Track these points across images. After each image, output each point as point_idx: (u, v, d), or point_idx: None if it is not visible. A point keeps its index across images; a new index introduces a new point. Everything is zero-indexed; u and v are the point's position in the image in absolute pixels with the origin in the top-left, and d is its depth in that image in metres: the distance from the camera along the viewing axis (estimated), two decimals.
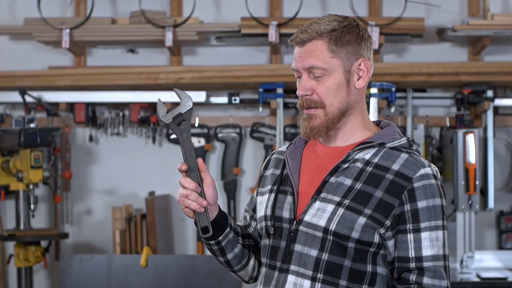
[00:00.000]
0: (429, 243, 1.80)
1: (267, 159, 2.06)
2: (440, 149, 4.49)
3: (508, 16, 4.40)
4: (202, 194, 1.86)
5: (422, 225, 1.80)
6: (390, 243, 1.82)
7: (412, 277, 1.80)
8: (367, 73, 1.88)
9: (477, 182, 4.18)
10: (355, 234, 1.79)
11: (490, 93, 4.37)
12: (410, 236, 1.80)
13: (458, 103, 4.45)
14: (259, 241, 2.00)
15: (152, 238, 4.30)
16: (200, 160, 1.88)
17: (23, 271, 4.26)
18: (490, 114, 4.39)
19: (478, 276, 4.07)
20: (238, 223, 2.07)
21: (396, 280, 1.84)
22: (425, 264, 1.80)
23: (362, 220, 1.79)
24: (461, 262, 4.22)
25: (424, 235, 1.80)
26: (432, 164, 1.86)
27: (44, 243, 4.38)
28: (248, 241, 2.01)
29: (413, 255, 1.80)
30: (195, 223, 1.88)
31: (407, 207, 1.80)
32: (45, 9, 4.48)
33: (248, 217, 2.06)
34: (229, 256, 1.97)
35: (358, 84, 1.87)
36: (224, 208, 4.60)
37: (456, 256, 4.25)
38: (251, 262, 2.01)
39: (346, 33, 1.85)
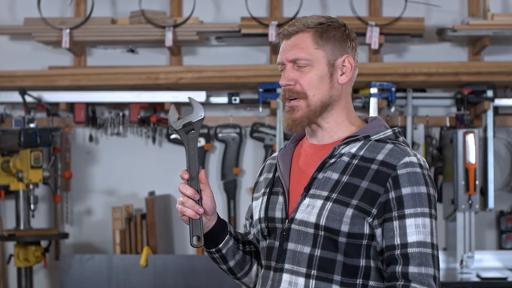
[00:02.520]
0: (415, 230, 1.78)
1: (261, 166, 2.08)
2: (440, 149, 4.50)
3: (508, 16, 4.40)
4: (199, 202, 1.87)
5: (407, 211, 1.79)
6: (378, 232, 1.81)
7: (398, 268, 1.78)
8: (351, 70, 1.91)
9: (477, 182, 4.18)
10: (344, 227, 1.79)
11: (490, 93, 4.37)
12: (396, 223, 1.79)
13: (458, 103, 4.45)
14: (258, 246, 2.02)
15: (152, 238, 4.30)
16: (202, 172, 1.89)
17: (23, 271, 4.26)
18: (490, 114, 4.39)
19: (478, 276, 4.07)
20: (239, 231, 2.09)
21: (385, 272, 1.83)
22: (410, 250, 1.78)
23: (349, 211, 1.80)
24: (461, 262, 4.22)
25: (409, 221, 1.79)
26: (418, 154, 1.87)
27: (44, 243, 4.38)
28: (249, 247, 2.03)
29: (399, 242, 1.79)
30: (191, 242, 1.88)
31: (392, 194, 1.80)
32: (45, 9, 4.48)
33: (247, 225, 2.09)
34: (231, 263, 1.99)
35: (341, 80, 1.90)
36: (224, 208, 4.60)
37: (456, 256, 4.25)
38: (254, 268, 2.03)
39: (332, 28, 1.90)
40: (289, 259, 1.85)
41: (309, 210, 1.83)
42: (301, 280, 1.82)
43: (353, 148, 1.87)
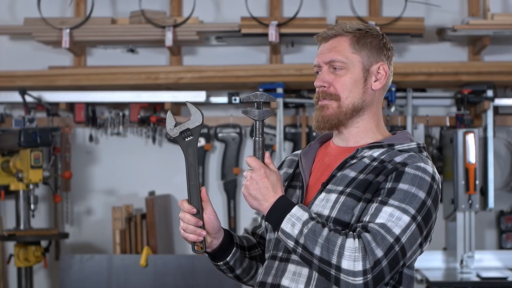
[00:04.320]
0: (387, 217, 1.74)
1: (281, 161, 2.10)
2: (440, 149, 4.50)
3: (508, 16, 4.40)
4: (200, 216, 1.87)
5: (391, 201, 1.76)
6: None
7: (356, 231, 1.75)
8: (385, 77, 1.94)
9: (477, 182, 4.18)
10: (355, 221, 1.80)
11: (490, 93, 4.38)
12: (374, 205, 1.77)
13: (458, 103, 4.45)
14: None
15: (152, 238, 4.30)
16: (203, 190, 1.89)
17: (23, 271, 4.27)
18: (490, 114, 4.40)
19: (478, 275, 4.07)
20: (245, 227, 2.10)
21: None
22: (371, 225, 1.74)
23: (360, 205, 1.80)
24: (461, 262, 4.22)
25: (387, 208, 1.75)
26: (436, 171, 1.84)
27: (44, 243, 4.38)
28: (255, 251, 2.04)
29: (367, 219, 1.76)
30: (192, 248, 1.91)
31: (388, 185, 1.79)
32: (45, 9, 4.48)
33: (259, 219, 2.09)
34: (238, 271, 2.01)
35: (375, 86, 1.93)
36: (224, 208, 4.60)
37: (456, 256, 4.25)
38: (260, 270, 2.03)
39: (370, 36, 1.93)
40: None
41: (324, 204, 1.84)
42: (305, 271, 1.83)
43: (375, 152, 1.88)
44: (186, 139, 1.88)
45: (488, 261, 4.34)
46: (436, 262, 4.34)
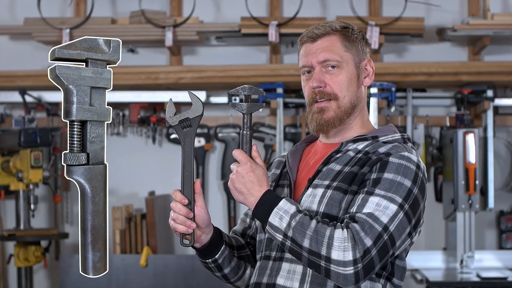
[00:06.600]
0: (374, 207, 1.73)
1: (269, 163, 2.10)
2: (440, 149, 4.50)
3: (508, 16, 4.40)
4: (191, 207, 1.86)
5: (377, 191, 1.76)
6: None
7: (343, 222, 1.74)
8: (373, 73, 1.96)
9: (477, 182, 4.18)
10: (343, 213, 1.80)
11: (490, 93, 4.38)
12: (360, 196, 1.77)
13: (458, 103, 4.45)
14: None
15: (152, 238, 4.30)
16: (197, 182, 1.89)
17: (23, 271, 4.27)
18: (490, 114, 4.40)
19: (478, 276, 4.07)
20: (234, 228, 2.10)
21: None
22: (358, 215, 1.73)
23: (347, 197, 1.80)
24: (461, 262, 4.22)
25: (373, 198, 1.75)
26: (420, 160, 1.85)
27: (44, 243, 4.38)
28: (243, 251, 2.03)
29: (354, 210, 1.75)
30: (181, 241, 1.91)
31: (374, 175, 1.79)
32: (45, 9, 4.48)
33: (248, 220, 2.09)
34: (226, 270, 2.00)
35: (366, 82, 1.95)
36: (224, 208, 4.60)
37: (456, 256, 4.25)
38: (248, 271, 2.04)
39: (355, 33, 1.94)
40: None
41: (311, 199, 1.84)
42: (299, 268, 1.83)
43: (360, 145, 1.89)
44: (184, 128, 1.87)
45: (488, 261, 4.34)
46: (436, 262, 4.34)
